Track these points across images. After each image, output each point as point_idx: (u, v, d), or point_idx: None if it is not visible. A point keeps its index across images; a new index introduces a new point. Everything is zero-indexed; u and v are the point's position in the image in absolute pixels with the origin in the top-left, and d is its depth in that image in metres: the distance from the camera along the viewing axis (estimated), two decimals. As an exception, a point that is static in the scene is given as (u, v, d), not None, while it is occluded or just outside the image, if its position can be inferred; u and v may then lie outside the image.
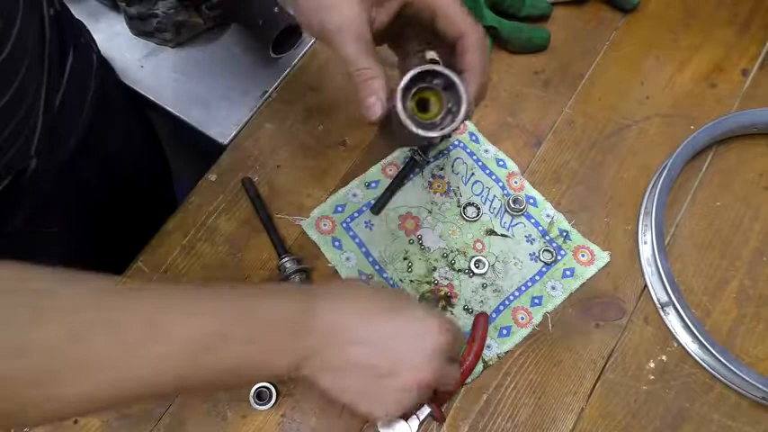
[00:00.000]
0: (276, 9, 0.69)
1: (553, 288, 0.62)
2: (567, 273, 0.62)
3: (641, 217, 0.64)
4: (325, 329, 0.45)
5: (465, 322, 0.60)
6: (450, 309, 0.61)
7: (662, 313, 0.61)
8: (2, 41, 0.46)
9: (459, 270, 0.62)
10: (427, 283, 0.62)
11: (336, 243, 0.63)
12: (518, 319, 0.60)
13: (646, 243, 0.63)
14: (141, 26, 0.73)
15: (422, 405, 0.56)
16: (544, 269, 0.62)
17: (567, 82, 0.71)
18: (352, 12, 0.46)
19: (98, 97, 0.66)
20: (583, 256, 0.63)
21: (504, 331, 0.60)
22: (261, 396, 0.57)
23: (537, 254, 0.63)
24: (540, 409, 0.58)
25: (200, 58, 0.75)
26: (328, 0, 0.46)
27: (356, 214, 0.64)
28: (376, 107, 0.45)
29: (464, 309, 0.61)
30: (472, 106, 0.46)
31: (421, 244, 0.63)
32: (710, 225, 0.65)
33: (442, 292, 0.61)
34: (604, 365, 0.59)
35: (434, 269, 0.62)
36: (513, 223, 0.64)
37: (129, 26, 0.74)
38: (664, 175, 0.63)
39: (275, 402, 0.57)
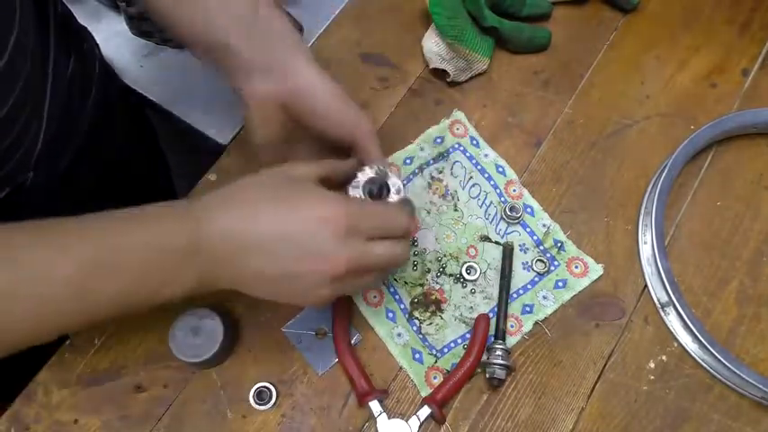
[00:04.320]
0: (276, 9, 0.69)
1: (545, 298, 0.61)
2: (560, 284, 0.62)
3: (641, 217, 0.64)
4: (212, 246, 0.44)
5: (454, 329, 0.60)
6: (439, 314, 0.61)
7: (662, 313, 0.61)
8: None
9: (451, 275, 0.62)
10: (420, 285, 0.62)
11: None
12: (507, 327, 0.60)
13: (646, 243, 0.63)
14: (141, 26, 0.73)
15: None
16: (536, 279, 0.62)
17: (567, 82, 0.71)
18: (275, 135, 0.53)
19: (98, 103, 0.66)
20: (576, 267, 0.63)
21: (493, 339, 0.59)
22: (261, 396, 0.57)
23: (530, 263, 0.63)
24: (540, 408, 0.58)
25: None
26: (257, 116, 0.53)
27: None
28: None
29: (453, 315, 0.61)
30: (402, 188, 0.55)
31: (417, 246, 0.63)
32: (710, 225, 0.65)
33: (433, 297, 0.61)
34: (604, 365, 0.59)
35: (428, 271, 0.62)
36: (508, 231, 0.64)
37: (129, 26, 0.74)
38: (664, 175, 0.63)
39: (275, 402, 0.57)
